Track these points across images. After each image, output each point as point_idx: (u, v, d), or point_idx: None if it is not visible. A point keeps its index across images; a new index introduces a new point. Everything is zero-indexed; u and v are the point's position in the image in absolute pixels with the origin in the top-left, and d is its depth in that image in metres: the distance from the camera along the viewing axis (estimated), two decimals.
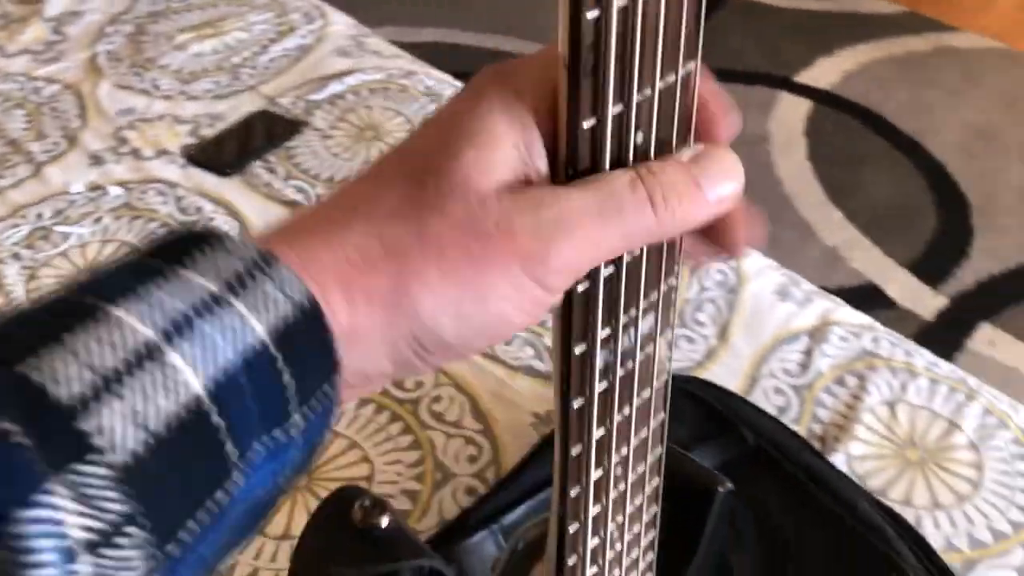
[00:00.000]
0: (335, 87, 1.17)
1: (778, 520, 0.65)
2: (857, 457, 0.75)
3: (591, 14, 0.24)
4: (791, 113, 2.08)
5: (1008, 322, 1.60)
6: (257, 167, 1.05)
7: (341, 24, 1.30)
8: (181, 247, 0.23)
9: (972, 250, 1.74)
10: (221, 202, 0.99)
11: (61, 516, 0.18)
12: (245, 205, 1.00)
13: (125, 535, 0.19)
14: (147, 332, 0.20)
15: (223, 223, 0.97)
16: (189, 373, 0.20)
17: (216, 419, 0.21)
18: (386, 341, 0.26)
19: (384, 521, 0.36)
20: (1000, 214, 1.82)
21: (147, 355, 0.20)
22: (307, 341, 0.23)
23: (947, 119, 2.07)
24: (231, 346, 0.21)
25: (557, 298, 0.28)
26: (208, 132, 1.10)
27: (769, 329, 0.86)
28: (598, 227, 0.27)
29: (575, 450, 0.32)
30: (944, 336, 1.57)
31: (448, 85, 1.18)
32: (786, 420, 0.78)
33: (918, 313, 1.61)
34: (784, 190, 1.87)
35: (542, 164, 0.28)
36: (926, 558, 0.62)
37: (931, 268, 1.70)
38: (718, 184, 0.29)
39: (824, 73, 2.20)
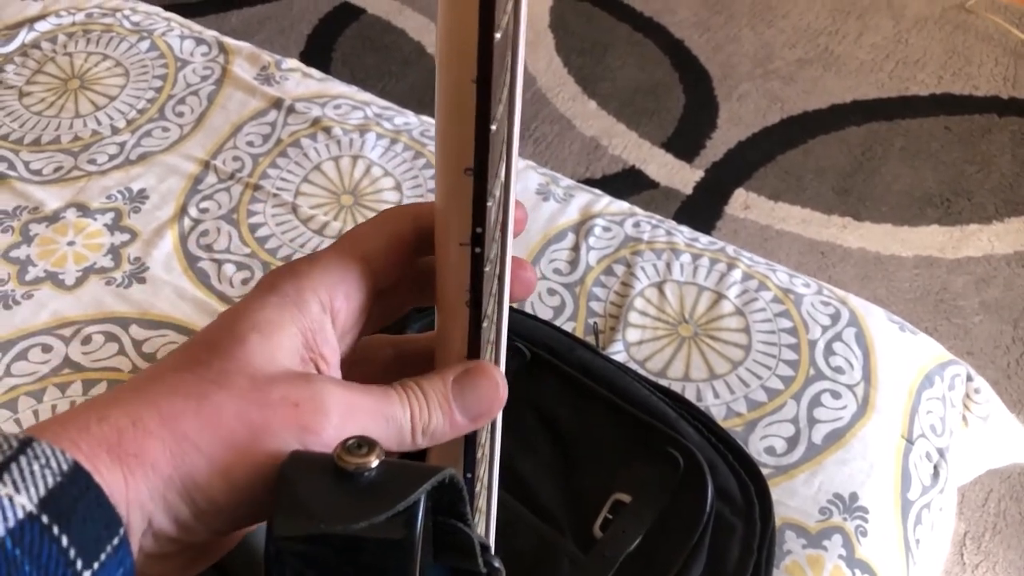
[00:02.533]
0: (26, 36, 1.03)
1: (563, 423, 0.64)
2: (634, 343, 0.75)
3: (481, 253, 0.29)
4: (535, 8, 2.07)
5: (759, 183, 1.69)
6: None
7: None
8: None
9: (719, 120, 1.82)
10: None
11: None
12: None
13: None
14: None
15: None
16: None
17: None
18: (163, 501, 0.26)
19: (374, 462, 0.30)
20: (739, 81, 1.91)
21: None
22: (82, 504, 0.24)
23: None
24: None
25: None
26: None
27: (535, 231, 0.85)
28: (368, 417, 0.30)
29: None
30: (704, 207, 1.64)
31: (159, 18, 1.06)
32: (562, 319, 0.77)
33: (678, 189, 1.67)
34: (539, 87, 1.87)
35: (328, 352, 0.31)
36: (708, 431, 0.63)
37: (684, 144, 1.76)
38: (474, 412, 0.32)
39: None
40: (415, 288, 0.35)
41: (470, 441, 0.35)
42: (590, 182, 1.65)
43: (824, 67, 1.95)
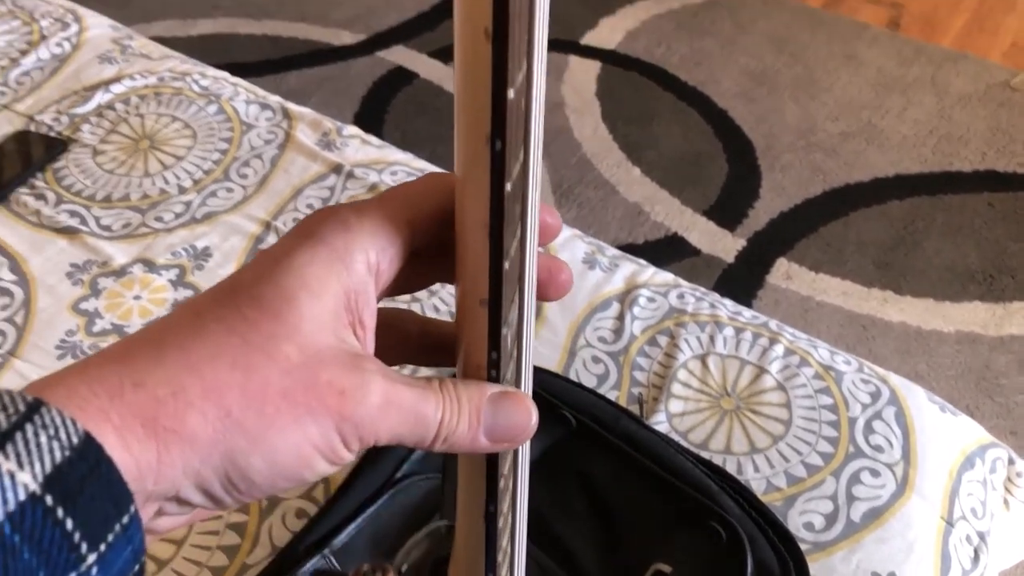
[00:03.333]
0: (101, 97, 1.08)
1: (606, 491, 0.65)
2: (677, 414, 0.77)
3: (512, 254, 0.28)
4: (582, 76, 2.12)
5: (800, 254, 1.71)
6: (23, 194, 0.96)
7: (100, 27, 1.20)
8: None
9: (761, 190, 1.84)
10: None
11: None
12: (13, 238, 0.91)
13: None
14: None
15: None
16: None
17: None
18: (196, 476, 0.26)
19: None
20: (782, 152, 1.93)
21: None
22: (90, 482, 0.23)
23: (725, 67, 2.17)
24: None
25: (351, 457, 0.29)
26: None
27: (581, 299, 0.87)
28: (400, 415, 0.29)
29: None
30: (746, 276, 1.66)
31: (226, 83, 1.11)
32: (606, 387, 0.79)
33: (720, 257, 1.69)
34: (584, 152, 1.91)
35: (368, 317, 0.29)
36: (748, 505, 0.65)
37: (727, 212, 1.78)
38: (499, 436, 0.31)
39: (609, 33, 2.26)
40: (443, 262, 0.33)
41: (492, 471, 0.35)
42: (632, 247, 1.68)
43: (867, 140, 1.97)
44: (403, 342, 0.35)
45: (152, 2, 2.28)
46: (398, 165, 1.00)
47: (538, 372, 0.73)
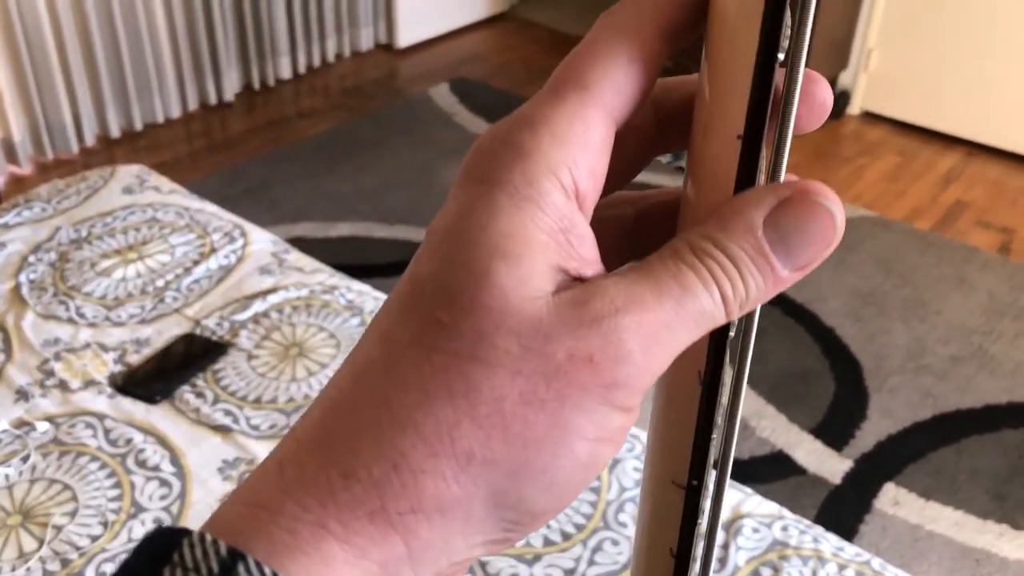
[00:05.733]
0: (259, 306, 1.22)
1: None
2: None
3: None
4: None
5: (910, 480, 1.69)
6: (185, 392, 1.08)
7: (262, 242, 1.36)
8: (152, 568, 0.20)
9: (869, 411, 1.85)
10: (151, 432, 1.01)
11: None
12: (175, 433, 1.02)
13: None
14: None
15: (153, 453, 0.99)
16: None
17: None
18: (466, 540, 0.22)
19: None
20: (891, 374, 1.95)
21: None
22: None
23: (833, 286, 2.23)
24: None
25: (636, 416, 0.23)
26: (135, 358, 1.13)
27: None
28: (673, 334, 0.22)
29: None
30: (853, 499, 1.65)
31: (369, 297, 1.24)
32: None
33: (826, 478, 1.69)
34: None
35: (588, 251, 0.23)
36: None
37: (833, 431, 1.79)
38: (803, 259, 0.23)
39: None
40: (656, 132, 0.26)
41: (701, 442, 0.28)
42: (737, 463, 1.69)
43: (979, 366, 1.97)
44: (618, 236, 0.27)
45: (298, 205, 2.52)
46: None
47: None
